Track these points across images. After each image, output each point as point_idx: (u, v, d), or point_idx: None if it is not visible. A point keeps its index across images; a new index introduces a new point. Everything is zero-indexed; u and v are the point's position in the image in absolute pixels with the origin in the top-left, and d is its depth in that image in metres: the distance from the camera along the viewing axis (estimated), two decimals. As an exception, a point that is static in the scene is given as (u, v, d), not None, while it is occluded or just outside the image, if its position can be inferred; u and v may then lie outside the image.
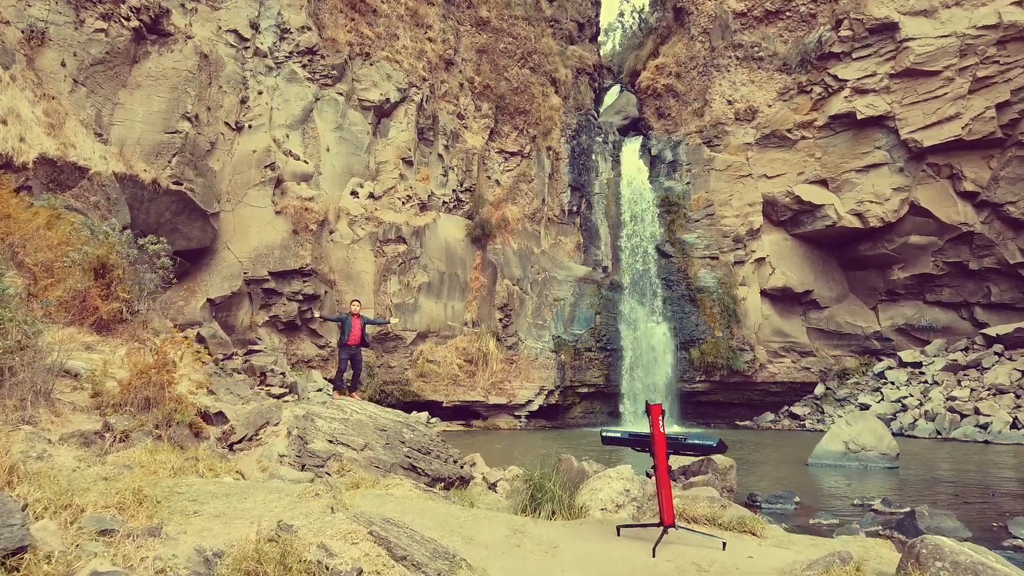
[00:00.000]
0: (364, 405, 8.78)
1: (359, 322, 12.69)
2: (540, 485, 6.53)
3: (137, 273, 10.41)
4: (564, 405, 30.18)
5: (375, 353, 27.87)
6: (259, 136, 26.33)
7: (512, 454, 17.35)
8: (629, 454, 16.83)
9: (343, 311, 13.80)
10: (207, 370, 9.40)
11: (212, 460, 6.13)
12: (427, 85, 30.25)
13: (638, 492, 7.96)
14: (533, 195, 32.66)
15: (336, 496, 4.52)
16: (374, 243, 27.98)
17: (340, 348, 12.77)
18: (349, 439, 7.44)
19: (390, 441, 7.72)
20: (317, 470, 6.86)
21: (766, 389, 31.68)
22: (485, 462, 11.77)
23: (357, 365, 12.96)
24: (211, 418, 7.47)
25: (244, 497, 4.65)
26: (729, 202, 31.99)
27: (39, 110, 20.68)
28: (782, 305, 32.00)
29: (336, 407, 8.22)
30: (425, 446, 8.08)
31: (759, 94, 32.06)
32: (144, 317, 10.00)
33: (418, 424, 8.59)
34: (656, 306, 31.11)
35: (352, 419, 7.83)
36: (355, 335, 12.49)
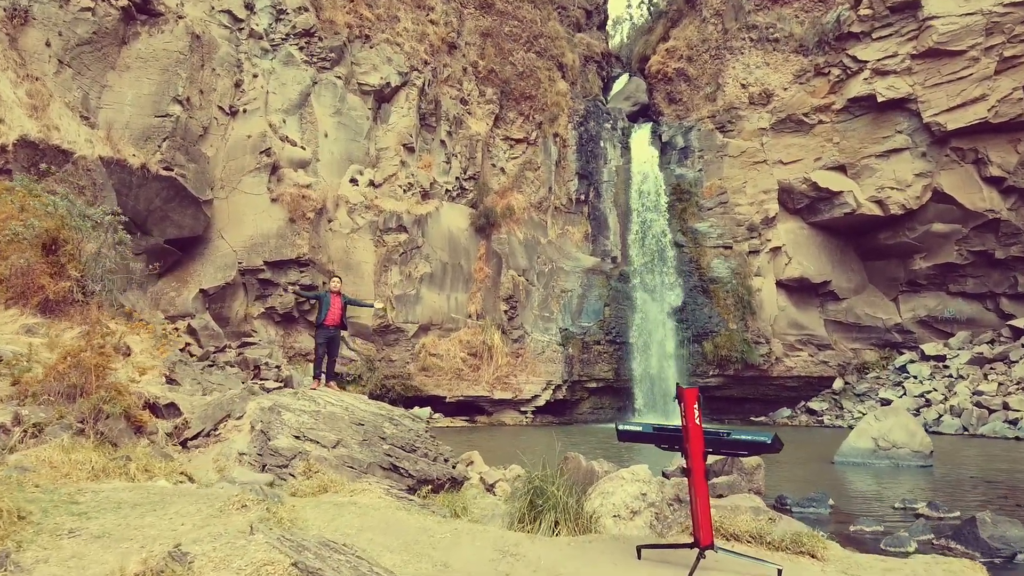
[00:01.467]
0: (341, 396, 7.74)
1: (339, 301, 11.58)
2: (541, 489, 5.47)
3: (97, 251, 9.39)
4: (572, 400, 29.12)
5: (375, 347, 26.89)
6: (254, 121, 25.34)
7: (515, 451, 16.29)
8: (646, 452, 15.67)
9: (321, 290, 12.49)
10: (171, 357, 8.42)
11: (150, 460, 5.13)
12: (429, 69, 29.19)
13: (656, 496, 6.89)
14: (539, 183, 31.57)
15: (271, 508, 3.49)
16: (374, 232, 26.97)
17: (317, 330, 11.53)
18: (319, 435, 6.41)
19: (368, 437, 6.69)
20: (279, 471, 5.85)
21: (782, 384, 30.50)
22: (484, 460, 10.73)
23: (334, 350, 11.65)
24: (161, 410, 6.47)
25: (155, 509, 3.64)
26: (743, 189, 30.80)
27: (21, 91, 19.74)
28: (798, 296, 30.80)
29: (308, 398, 7.19)
30: (410, 443, 7.05)
31: (774, 77, 30.82)
32: (103, 299, 9.01)
33: (403, 418, 7.56)
34: (667, 297, 29.96)
35: (324, 412, 6.80)
36: (334, 314, 11.33)
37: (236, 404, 6.73)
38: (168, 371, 8.01)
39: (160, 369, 7.81)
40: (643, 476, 7.03)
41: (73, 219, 9.18)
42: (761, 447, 4.71)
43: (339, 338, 11.75)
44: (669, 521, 6.75)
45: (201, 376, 9.06)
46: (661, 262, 30.56)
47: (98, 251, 9.61)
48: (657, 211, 31.27)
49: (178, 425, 6.37)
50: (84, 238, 9.23)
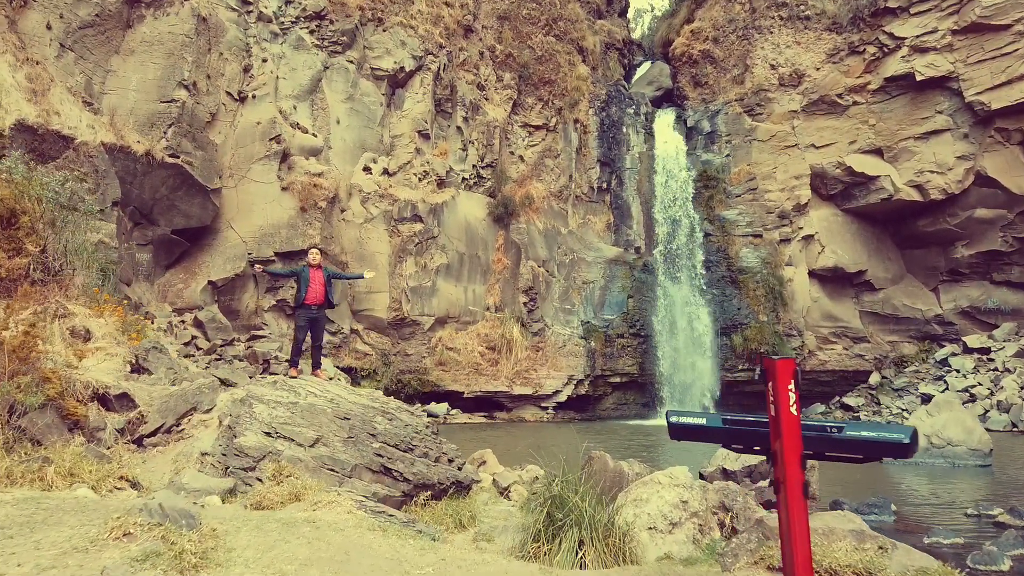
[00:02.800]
0: (327, 386, 6.71)
1: (320, 276, 10.19)
2: (561, 499, 4.39)
3: (65, 225, 8.47)
4: (595, 396, 27.98)
5: (390, 340, 25.96)
6: (264, 107, 24.49)
7: (534, 449, 15.24)
8: (675, 448, 14.48)
9: (298, 264, 11.23)
10: (145, 343, 7.48)
11: (79, 462, 4.13)
12: (444, 53, 28.15)
13: (699, 503, 5.79)
14: (559, 171, 30.44)
15: (169, 537, 2.46)
16: (388, 222, 26.02)
17: (296, 310, 10.22)
18: (294, 431, 5.41)
19: (355, 434, 5.67)
20: (244, 475, 4.87)
21: (815, 378, 29.09)
22: (499, 460, 9.67)
23: (318, 333, 10.36)
24: (111, 402, 5.50)
25: (31, 530, 2.63)
26: (773, 175, 29.42)
27: (21, 75, 19.00)
28: (832, 287, 29.37)
29: (288, 388, 6.19)
30: (406, 441, 6.02)
31: (806, 57, 29.39)
32: (71, 278, 8.08)
33: (399, 412, 6.51)
34: (694, 289, 28.70)
35: (304, 404, 5.79)
36: (315, 292, 9.98)
37: (204, 395, 5.76)
38: (138, 358, 7.07)
39: (125, 356, 6.88)
40: (683, 480, 5.94)
41: (33, 188, 8.29)
42: (894, 449, 3.29)
43: (324, 319, 10.52)
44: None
45: (183, 365, 8.10)
46: (687, 252, 29.30)
47: (62, 225, 8.68)
48: (683, 199, 30.00)
49: (132, 420, 5.43)
50: (46, 210, 8.32)
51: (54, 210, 8.58)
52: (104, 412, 5.38)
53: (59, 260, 7.86)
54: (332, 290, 10.69)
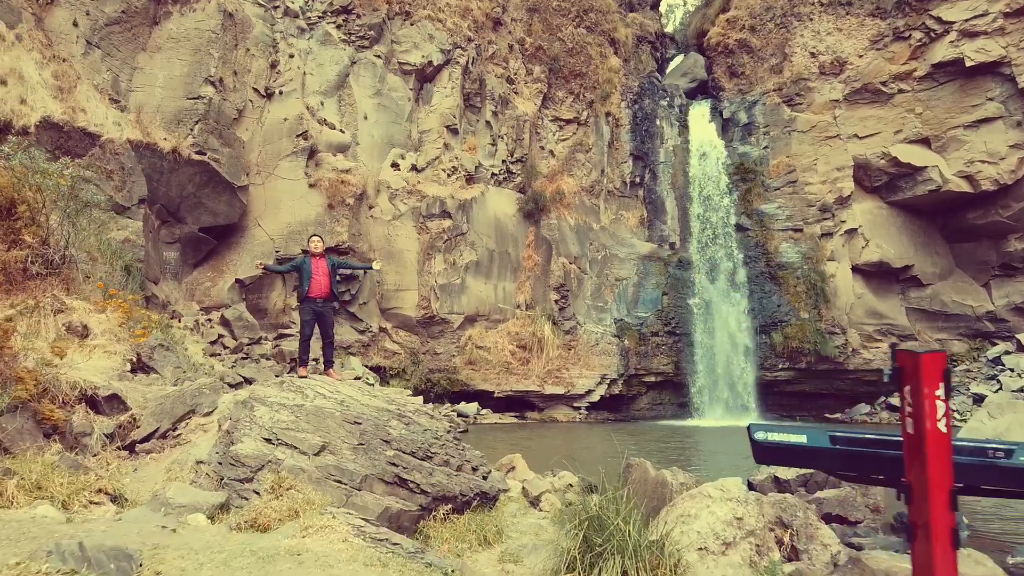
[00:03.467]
0: (338, 387, 6.15)
1: (324, 266, 9.24)
2: (600, 521, 3.76)
3: (67, 217, 8.06)
4: (628, 395, 27.21)
5: (419, 339, 25.50)
6: (291, 103, 24.23)
7: (568, 453, 14.59)
8: (714, 454, 13.66)
9: (297, 258, 10.02)
10: (151, 340, 7.02)
11: (48, 474, 3.63)
12: (473, 46, 27.61)
13: (755, 520, 5.12)
14: (591, 166, 29.70)
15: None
16: (417, 219, 25.56)
17: (300, 304, 9.25)
18: (298, 437, 4.87)
19: (366, 440, 5.11)
20: (240, 487, 4.34)
21: (859, 377, 27.92)
22: (530, 464, 9.05)
23: (327, 327, 9.32)
24: (100, 404, 5.02)
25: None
26: (814, 167, 28.30)
27: (48, 73, 18.92)
28: (877, 282, 28.15)
29: (295, 389, 5.65)
30: (424, 447, 5.44)
31: (848, 44, 28.22)
32: (74, 272, 7.67)
33: (417, 415, 5.91)
34: (731, 285, 27.74)
35: (310, 407, 5.24)
36: (319, 283, 9.03)
37: (204, 396, 5.26)
38: (142, 357, 6.62)
39: (126, 354, 6.42)
40: (736, 493, 5.27)
41: (33, 177, 7.89)
42: None
43: (331, 313, 9.49)
44: (772, 555, 4.97)
45: (198, 363, 7.61)
46: (724, 247, 28.34)
47: (66, 217, 8.27)
48: (719, 192, 29.04)
49: (123, 424, 4.95)
50: (48, 200, 7.90)
51: (56, 200, 8.17)
52: (92, 415, 4.90)
53: (59, 252, 7.44)
54: (337, 281, 9.70)
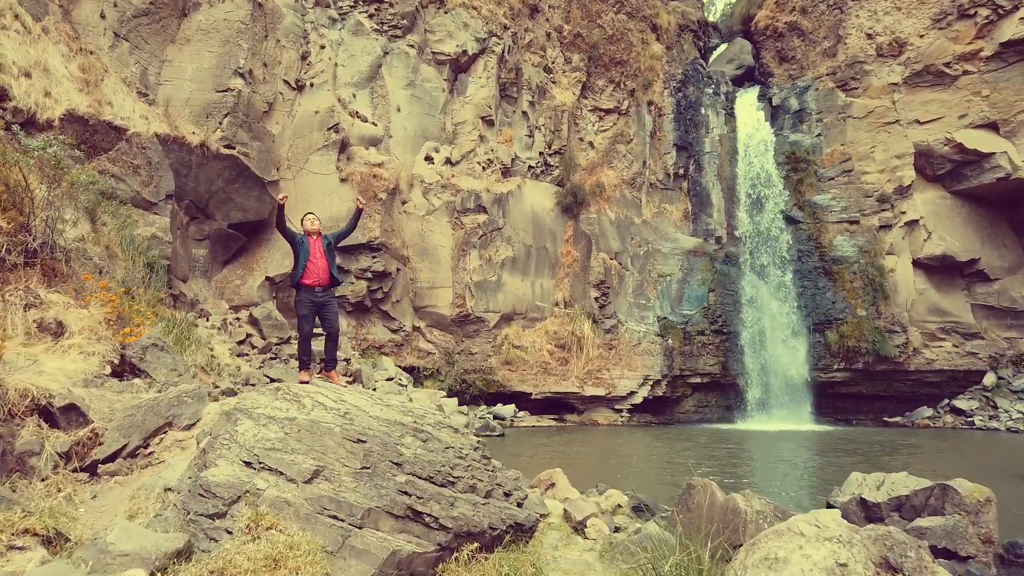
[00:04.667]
0: (342, 394, 5.14)
1: (321, 246, 7.73)
2: None
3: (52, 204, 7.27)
4: (672, 397, 25.94)
5: (454, 338, 24.62)
6: (322, 95, 23.55)
7: (613, 461, 13.51)
8: (785, 462, 12.24)
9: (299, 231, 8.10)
10: (143, 340, 6.18)
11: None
12: (509, 34, 26.62)
13: (861, 566, 4.02)
14: (632, 157, 28.49)
15: None
16: (451, 213, 24.69)
17: (297, 295, 7.66)
18: (285, 460, 3.92)
19: (372, 463, 4.13)
20: (209, 526, 3.43)
21: (920, 379, 26.21)
22: (573, 479, 8.02)
23: (330, 320, 7.82)
24: (56, 417, 4.17)
25: None
26: (871, 155, 26.65)
27: (74, 65, 18.49)
28: (940, 277, 26.39)
29: (291, 397, 4.69)
30: (445, 470, 4.43)
31: (907, 23, 26.50)
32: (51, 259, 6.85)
33: (438, 428, 4.86)
34: (783, 281, 26.26)
35: (304, 420, 4.27)
36: (316, 268, 7.54)
37: (185, 406, 4.37)
38: (128, 358, 5.78)
39: (106, 355, 5.59)
40: (836, 531, 4.17)
41: (11, 154, 7.12)
42: None
43: (333, 303, 7.94)
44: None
45: (177, 362, 6.72)
46: (774, 241, 26.85)
47: (54, 201, 7.48)
48: (768, 183, 27.55)
49: (82, 440, 4.09)
50: (29, 180, 7.10)
51: (42, 181, 7.39)
52: (46, 430, 4.06)
53: (40, 240, 6.63)
54: (337, 263, 8.09)
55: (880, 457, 14.64)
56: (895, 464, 13.55)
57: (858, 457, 14.48)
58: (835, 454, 15.11)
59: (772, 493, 8.93)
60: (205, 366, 13.98)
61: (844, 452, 15.49)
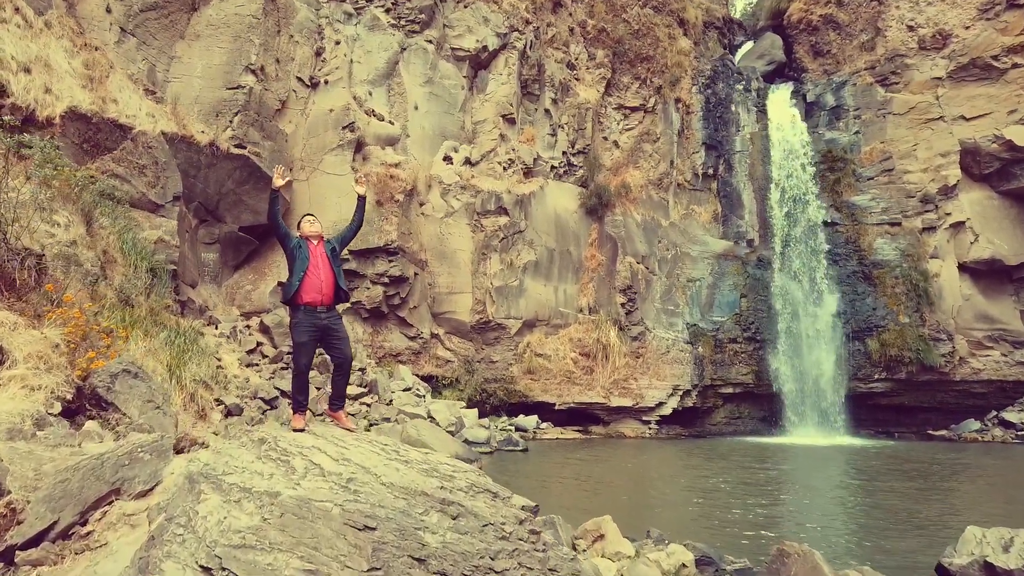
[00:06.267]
0: (347, 447, 3.96)
1: (324, 253, 6.14)
2: None
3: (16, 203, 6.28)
4: (703, 408, 24.70)
5: (474, 346, 23.55)
6: (337, 93, 22.62)
7: (651, 489, 12.36)
8: (844, 488, 10.68)
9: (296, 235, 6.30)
10: (112, 366, 5.11)
11: None
12: (531, 29, 25.56)
13: None
14: (659, 157, 27.29)
15: None
16: (471, 216, 23.65)
17: (292, 313, 6.06)
18: (260, 564, 2.76)
19: (384, 560, 2.93)
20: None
21: (966, 389, 24.77)
22: (611, 511, 6.87)
23: (339, 350, 6.17)
24: (-41, 486, 3.14)
25: None
26: (913, 153, 25.26)
27: (78, 62, 17.65)
28: (987, 282, 24.93)
29: (278, 453, 3.56)
30: (484, 562, 3.27)
31: (952, 14, 25.10)
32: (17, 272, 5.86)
33: (473, 493, 3.62)
34: (819, 286, 24.93)
35: (292, 496, 3.11)
36: (317, 280, 5.93)
37: (139, 467, 3.30)
38: (96, 389, 4.77)
39: (56, 389, 4.57)
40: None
41: None
42: None
43: (341, 326, 6.18)
44: None
45: (153, 392, 5.62)
46: (809, 244, 25.53)
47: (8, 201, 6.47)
48: (803, 183, 26.23)
49: (-6, 520, 3.07)
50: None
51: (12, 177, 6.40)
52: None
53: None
54: (341, 273, 6.31)
55: (945, 482, 13.37)
56: (966, 490, 12.29)
57: (918, 481, 13.23)
58: (892, 477, 13.85)
59: (856, 544, 7.76)
60: (209, 379, 13.02)
61: (900, 474, 14.23)
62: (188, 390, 9.93)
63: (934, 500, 11.08)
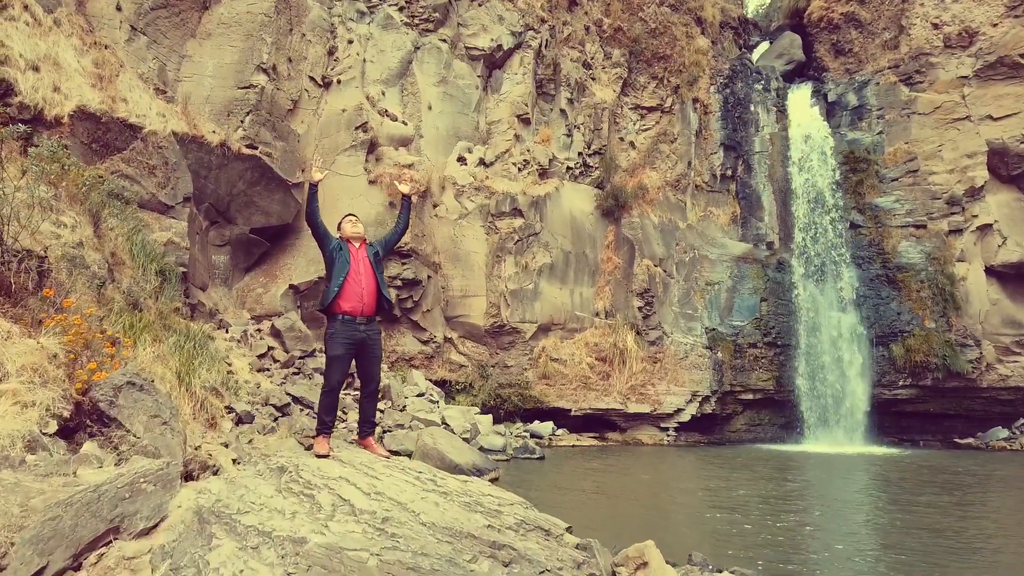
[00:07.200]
0: (378, 478, 3.41)
1: (366, 258, 5.69)
2: None
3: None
4: (722, 415, 24.14)
5: (488, 350, 23.09)
6: (350, 92, 22.25)
7: (679, 500, 11.85)
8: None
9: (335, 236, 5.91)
10: (116, 378, 4.64)
11: None
12: (546, 28, 25.12)
13: None
14: (676, 158, 26.78)
15: None
16: (485, 217, 23.20)
17: (329, 322, 5.52)
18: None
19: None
20: None
21: (993, 396, 24.10)
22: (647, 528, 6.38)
23: (372, 371, 5.70)
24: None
25: None
26: (938, 154, 24.64)
27: (87, 60, 17.33)
28: (1015, 286, 24.25)
29: (300, 486, 3.10)
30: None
31: (979, 11, 24.48)
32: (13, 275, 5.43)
33: (523, 532, 3.00)
34: (842, 290, 24.34)
35: (320, 543, 2.61)
36: (359, 288, 5.43)
37: (141, 500, 2.87)
38: (98, 403, 4.33)
39: (52, 405, 4.11)
40: None
41: None
42: None
43: (379, 341, 5.69)
44: None
45: (160, 407, 5.16)
46: (831, 247, 24.94)
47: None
48: (825, 185, 25.64)
49: (-31, 566, 2.65)
50: None
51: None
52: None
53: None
54: (384, 281, 5.77)
55: (985, 495, 12.81)
56: (1010, 506, 11.71)
57: (955, 493, 12.66)
58: (927, 489, 13.28)
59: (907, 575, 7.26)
60: (219, 385, 12.61)
61: (935, 486, 13.66)
62: (198, 397, 9.49)
63: (975, 516, 10.53)
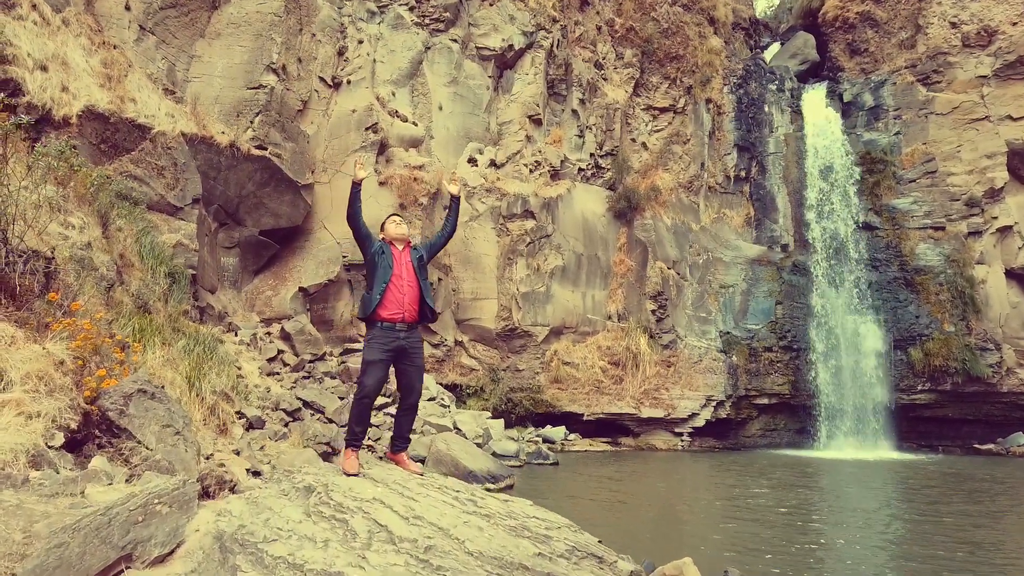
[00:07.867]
0: (414, 498, 3.07)
1: (409, 261, 5.43)
2: None
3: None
4: (737, 420, 23.75)
5: (499, 354, 22.79)
6: (360, 93, 22.00)
7: (699, 509, 11.51)
8: (902, 518, 9.67)
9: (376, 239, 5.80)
10: (126, 385, 4.36)
11: None
12: (558, 28, 24.84)
13: None
14: (689, 159, 26.45)
15: None
16: (496, 219, 22.92)
17: (368, 328, 5.19)
18: None
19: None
20: None
21: (1013, 401, 23.64)
22: (679, 543, 6.08)
23: (412, 383, 5.30)
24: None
25: None
26: (957, 154, 24.23)
27: (96, 60, 17.14)
28: (1036, 290, 23.86)
29: (331, 509, 2.74)
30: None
31: (997, 10, 24.09)
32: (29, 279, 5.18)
33: (574, 558, 2.81)
34: (858, 293, 23.94)
35: None
36: (401, 294, 5.17)
37: (156, 524, 2.58)
38: (107, 413, 4.03)
39: (59, 416, 3.80)
40: None
41: None
42: None
43: (420, 351, 5.31)
44: None
45: (167, 415, 4.84)
46: (848, 249, 24.55)
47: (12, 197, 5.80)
48: (841, 186, 25.27)
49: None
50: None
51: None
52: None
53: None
54: (428, 287, 5.53)
55: (1017, 504, 12.42)
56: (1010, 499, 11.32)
57: (985, 502, 12.27)
58: (954, 497, 12.90)
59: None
60: (229, 390, 12.35)
61: (962, 494, 13.27)
62: (208, 403, 9.24)
63: (1012, 528, 10.15)
